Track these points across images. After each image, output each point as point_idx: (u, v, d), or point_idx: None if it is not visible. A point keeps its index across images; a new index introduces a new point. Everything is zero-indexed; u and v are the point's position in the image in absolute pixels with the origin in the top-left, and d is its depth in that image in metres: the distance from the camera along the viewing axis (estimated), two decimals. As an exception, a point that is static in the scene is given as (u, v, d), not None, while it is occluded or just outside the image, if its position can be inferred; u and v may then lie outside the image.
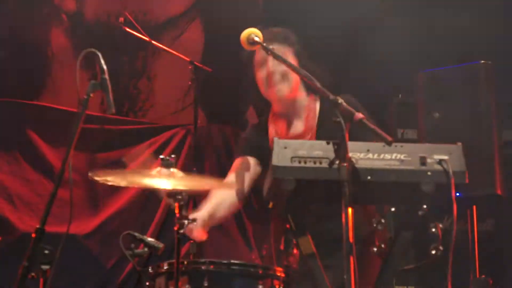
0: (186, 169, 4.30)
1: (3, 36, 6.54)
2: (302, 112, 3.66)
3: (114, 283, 6.10)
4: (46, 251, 2.68)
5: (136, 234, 3.12)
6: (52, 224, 2.83)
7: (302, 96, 3.67)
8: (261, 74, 3.61)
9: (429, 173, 2.73)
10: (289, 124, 3.68)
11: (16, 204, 6.18)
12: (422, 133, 4.73)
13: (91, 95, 2.84)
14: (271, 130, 3.70)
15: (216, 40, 6.77)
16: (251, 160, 3.68)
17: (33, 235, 2.68)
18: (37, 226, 2.69)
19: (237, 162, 3.71)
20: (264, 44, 3.17)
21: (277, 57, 3.18)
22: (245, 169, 3.64)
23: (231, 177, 3.64)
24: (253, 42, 3.19)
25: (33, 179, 6.26)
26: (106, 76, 2.85)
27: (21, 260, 2.66)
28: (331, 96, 2.77)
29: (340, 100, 2.73)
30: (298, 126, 3.66)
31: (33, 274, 2.69)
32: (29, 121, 6.37)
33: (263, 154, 3.58)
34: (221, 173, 5.02)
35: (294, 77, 3.58)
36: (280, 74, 3.57)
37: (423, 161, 2.73)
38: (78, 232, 6.08)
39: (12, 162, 6.28)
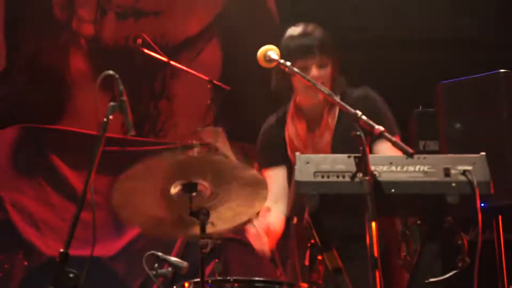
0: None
1: (23, 62, 6.59)
2: (324, 114, 3.63)
3: (140, 304, 6.11)
4: (71, 275, 2.68)
5: (160, 254, 3.11)
6: (76, 248, 2.83)
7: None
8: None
9: (453, 184, 2.71)
10: (309, 126, 3.65)
11: (41, 229, 6.20)
12: (444, 144, 4.70)
13: (111, 117, 2.84)
14: (291, 127, 3.68)
15: (234, 58, 6.79)
16: (282, 171, 3.68)
17: (58, 259, 2.69)
18: (61, 250, 2.69)
19: (269, 176, 3.64)
20: (281, 61, 3.16)
21: (294, 73, 3.17)
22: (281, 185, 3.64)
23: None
24: (270, 60, 3.18)
25: (57, 204, 6.28)
26: (125, 98, 2.86)
27: (47, 284, 2.66)
28: (351, 111, 2.76)
29: (360, 114, 2.72)
30: (318, 128, 3.63)
31: (59, 298, 2.69)
32: (51, 145, 6.40)
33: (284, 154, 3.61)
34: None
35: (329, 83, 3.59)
36: (322, 80, 3.53)
37: (447, 172, 2.71)
38: (103, 254, 6.10)
39: (36, 187, 6.31)
